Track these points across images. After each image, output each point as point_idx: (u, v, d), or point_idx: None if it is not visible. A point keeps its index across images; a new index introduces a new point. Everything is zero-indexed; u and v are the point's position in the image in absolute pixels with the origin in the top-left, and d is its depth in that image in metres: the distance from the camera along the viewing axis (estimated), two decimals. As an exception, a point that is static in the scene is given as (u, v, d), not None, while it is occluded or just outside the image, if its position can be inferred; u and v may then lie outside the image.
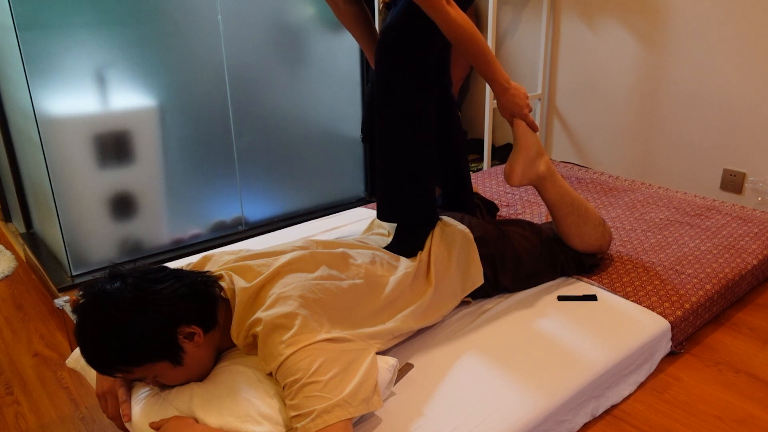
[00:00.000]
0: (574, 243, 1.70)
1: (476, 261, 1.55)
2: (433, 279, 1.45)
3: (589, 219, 1.69)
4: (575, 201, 1.68)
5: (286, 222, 2.96)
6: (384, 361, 1.22)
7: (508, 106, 1.57)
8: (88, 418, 1.66)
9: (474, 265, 1.54)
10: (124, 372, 1.12)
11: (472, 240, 1.57)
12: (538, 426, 1.22)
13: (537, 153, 1.64)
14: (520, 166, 1.62)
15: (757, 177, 2.49)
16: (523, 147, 1.61)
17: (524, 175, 1.63)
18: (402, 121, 1.50)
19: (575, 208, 1.67)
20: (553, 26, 3.02)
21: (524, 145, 1.61)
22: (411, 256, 1.49)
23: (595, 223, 1.70)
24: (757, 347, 1.63)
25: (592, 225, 1.69)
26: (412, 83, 1.49)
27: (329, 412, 1.05)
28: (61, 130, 2.29)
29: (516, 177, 1.62)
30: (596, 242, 1.71)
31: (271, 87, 2.80)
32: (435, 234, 1.55)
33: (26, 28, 2.14)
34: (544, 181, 1.65)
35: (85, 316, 1.10)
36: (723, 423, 1.36)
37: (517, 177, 1.62)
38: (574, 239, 1.70)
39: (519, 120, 1.60)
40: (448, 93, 1.72)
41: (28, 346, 2.02)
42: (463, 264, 1.54)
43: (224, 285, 1.24)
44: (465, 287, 1.54)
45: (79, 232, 2.42)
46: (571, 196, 1.68)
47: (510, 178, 1.63)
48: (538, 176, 1.64)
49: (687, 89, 2.61)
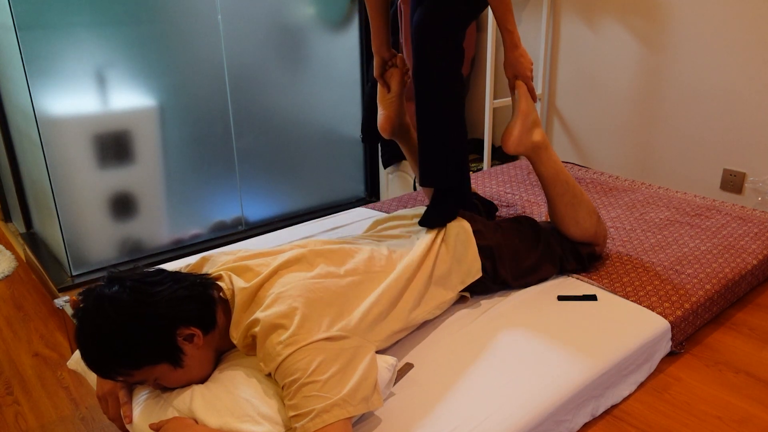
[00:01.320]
0: (569, 227, 1.71)
1: (474, 253, 1.55)
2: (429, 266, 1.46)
3: (583, 202, 1.71)
4: (569, 180, 1.71)
5: (286, 222, 2.96)
6: (384, 360, 1.22)
7: (515, 64, 1.60)
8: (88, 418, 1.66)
9: (472, 258, 1.55)
10: (124, 375, 1.13)
11: (471, 232, 1.57)
12: (538, 426, 1.22)
13: (534, 121, 1.67)
14: (517, 131, 1.64)
15: (757, 177, 2.49)
16: (522, 112, 1.64)
17: (520, 141, 1.64)
18: (445, 97, 1.60)
19: (570, 188, 1.70)
20: (553, 26, 3.02)
21: (523, 110, 1.64)
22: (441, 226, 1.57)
23: (589, 209, 1.72)
24: (757, 347, 1.63)
25: (586, 210, 1.71)
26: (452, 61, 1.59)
27: (328, 412, 1.05)
28: (61, 130, 2.29)
29: (513, 141, 1.64)
30: (591, 228, 1.72)
31: (271, 87, 2.80)
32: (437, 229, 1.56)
33: (26, 28, 2.14)
34: (539, 151, 1.67)
35: (85, 320, 1.10)
36: (723, 423, 1.36)
37: (514, 142, 1.63)
38: (569, 223, 1.71)
39: (521, 82, 1.64)
40: None
41: (28, 346, 2.02)
42: (461, 256, 1.55)
43: (223, 285, 1.24)
44: (464, 280, 1.54)
45: (79, 232, 2.42)
46: (565, 174, 1.70)
47: (506, 143, 1.64)
48: (533, 144, 1.66)
49: (687, 89, 2.61)
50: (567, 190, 1.70)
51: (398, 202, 2.31)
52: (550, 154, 1.69)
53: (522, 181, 2.51)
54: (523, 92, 1.64)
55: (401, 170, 3.18)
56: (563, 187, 1.69)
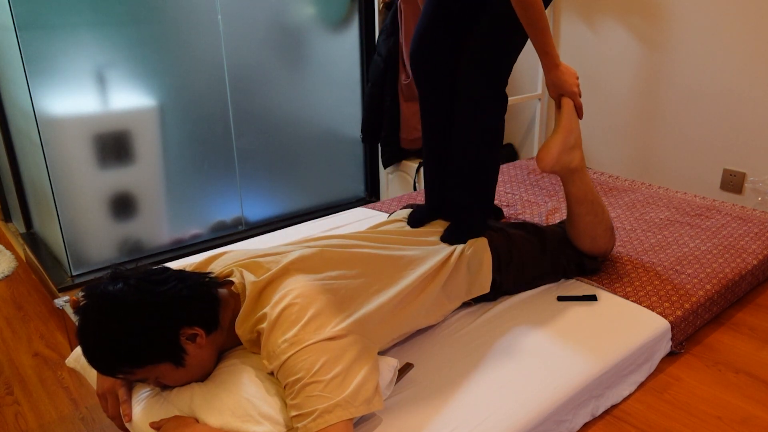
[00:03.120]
0: (583, 243, 1.68)
1: (487, 268, 1.53)
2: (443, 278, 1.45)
3: (603, 221, 1.66)
4: (596, 200, 1.63)
5: (286, 222, 2.96)
6: (384, 361, 1.22)
7: (558, 83, 1.52)
8: (88, 418, 1.66)
9: (484, 272, 1.53)
10: (126, 373, 1.13)
11: (487, 247, 1.55)
12: (538, 426, 1.22)
13: (575, 142, 1.56)
14: (557, 149, 1.52)
15: (757, 177, 2.49)
16: (565, 129, 1.54)
17: (558, 161, 1.53)
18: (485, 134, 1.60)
19: (594, 208, 1.63)
20: (553, 26, 3.02)
21: (566, 128, 1.54)
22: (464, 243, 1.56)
23: (606, 227, 1.67)
24: (757, 347, 1.63)
25: (604, 228, 1.67)
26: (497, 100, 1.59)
27: (330, 412, 1.05)
28: (61, 130, 2.29)
29: (550, 160, 1.52)
30: (605, 245, 1.70)
31: (271, 87, 2.80)
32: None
33: (26, 28, 2.14)
34: (573, 174, 1.58)
35: (88, 318, 1.10)
36: (723, 423, 1.36)
37: (551, 160, 1.52)
38: (585, 239, 1.67)
39: (567, 99, 1.54)
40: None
41: (28, 346, 2.02)
42: (475, 268, 1.53)
43: (235, 280, 1.25)
44: (471, 291, 1.53)
45: (79, 232, 2.42)
46: (593, 195, 1.62)
47: (543, 161, 1.52)
48: (570, 166, 1.57)
49: (687, 89, 2.61)
50: (591, 210, 1.62)
51: (398, 202, 2.31)
52: (584, 176, 1.60)
53: (522, 181, 2.51)
54: (568, 108, 1.53)
55: (401, 170, 3.18)
56: (588, 207, 1.62)
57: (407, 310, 1.36)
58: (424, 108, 1.74)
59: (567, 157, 1.55)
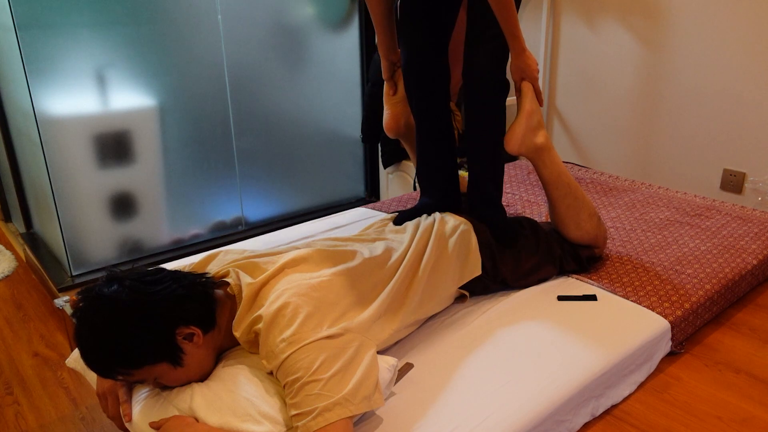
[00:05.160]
0: (570, 231, 1.72)
1: (475, 250, 1.56)
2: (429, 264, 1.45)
3: (584, 205, 1.71)
4: (571, 183, 1.70)
5: (286, 222, 2.96)
6: (384, 361, 1.22)
7: (522, 67, 1.61)
8: (88, 418, 1.66)
9: (473, 255, 1.55)
10: (124, 375, 1.13)
11: (472, 229, 1.58)
12: (538, 426, 1.22)
13: (538, 122, 1.66)
14: (521, 131, 1.63)
15: (757, 177, 2.49)
16: (527, 112, 1.63)
17: (523, 142, 1.64)
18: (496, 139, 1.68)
19: (572, 190, 1.70)
20: (553, 26, 3.02)
21: (528, 111, 1.63)
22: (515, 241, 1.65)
23: (590, 212, 1.72)
24: (757, 347, 1.63)
25: (587, 212, 1.71)
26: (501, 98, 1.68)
27: (330, 410, 1.05)
28: (61, 130, 2.29)
29: (515, 141, 1.63)
30: (592, 231, 1.72)
31: (271, 87, 2.80)
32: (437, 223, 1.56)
33: (26, 28, 2.14)
34: (541, 153, 1.67)
35: (84, 320, 1.10)
36: (723, 423, 1.36)
37: (517, 142, 1.63)
38: (570, 226, 1.71)
39: (528, 84, 1.64)
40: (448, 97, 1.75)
41: (28, 346, 2.02)
42: (463, 252, 1.55)
43: (231, 281, 1.25)
44: (463, 275, 1.54)
45: (79, 232, 2.42)
46: (567, 177, 1.70)
47: (509, 143, 1.63)
48: (536, 146, 1.66)
49: (687, 89, 2.61)
50: (568, 193, 1.69)
51: (398, 202, 2.31)
52: (552, 156, 1.69)
53: (522, 181, 2.51)
54: (529, 93, 1.64)
55: (401, 170, 3.18)
56: (565, 189, 1.69)
57: (403, 300, 1.37)
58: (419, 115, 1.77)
59: (532, 136, 1.65)
